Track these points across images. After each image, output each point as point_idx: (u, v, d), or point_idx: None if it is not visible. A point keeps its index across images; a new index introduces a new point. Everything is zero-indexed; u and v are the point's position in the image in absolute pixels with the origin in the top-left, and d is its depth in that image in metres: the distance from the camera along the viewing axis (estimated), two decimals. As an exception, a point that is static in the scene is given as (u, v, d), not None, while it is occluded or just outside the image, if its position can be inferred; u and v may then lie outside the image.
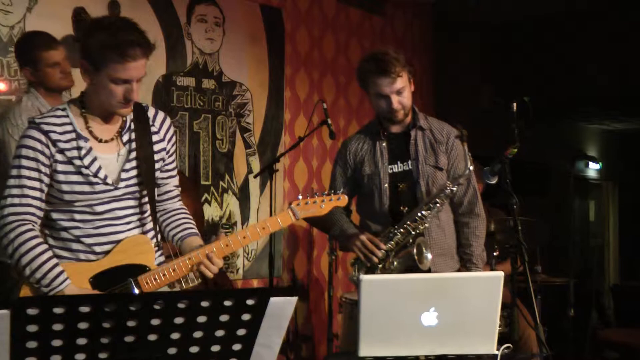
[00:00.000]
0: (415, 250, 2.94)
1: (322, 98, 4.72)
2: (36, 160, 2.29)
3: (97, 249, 2.34)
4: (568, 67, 5.63)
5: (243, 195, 4.84)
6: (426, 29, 6.15)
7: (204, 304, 1.72)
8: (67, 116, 2.34)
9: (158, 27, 4.37)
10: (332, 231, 3.25)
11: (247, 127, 4.88)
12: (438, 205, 2.99)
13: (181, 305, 1.70)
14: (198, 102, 4.61)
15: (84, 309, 1.57)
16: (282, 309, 1.82)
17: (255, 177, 4.70)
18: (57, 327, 1.57)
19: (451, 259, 3.14)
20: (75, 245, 2.34)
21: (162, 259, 2.48)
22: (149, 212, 2.42)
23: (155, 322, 1.69)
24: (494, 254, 3.79)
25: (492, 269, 3.86)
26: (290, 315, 1.99)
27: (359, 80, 3.10)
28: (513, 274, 2.87)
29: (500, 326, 3.75)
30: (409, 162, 3.10)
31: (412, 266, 2.95)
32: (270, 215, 4.26)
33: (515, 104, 3.03)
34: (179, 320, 1.71)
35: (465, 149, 2.96)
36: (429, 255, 2.97)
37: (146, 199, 2.41)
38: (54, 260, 2.28)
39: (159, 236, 2.48)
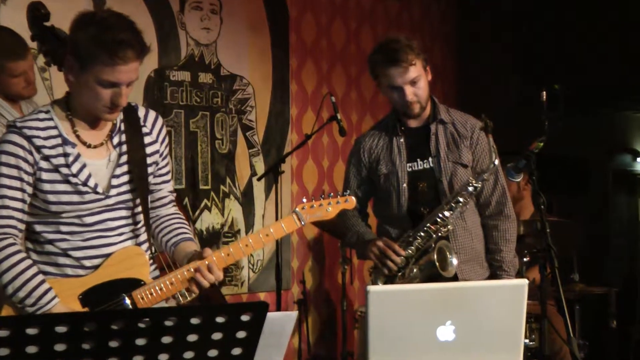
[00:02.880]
0: (436, 256, 2.93)
1: (331, 91, 4.73)
2: (18, 167, 2.28)
3: (87, 262, 2.34)
4: (609, 49, 5.59)
5: (246, 200, 4.85)
6: (447, 13, 6.13)
7: (195, 321, 1.72)
8: (52, 119, 2.34)
9: (148, 17, 4.39)
10: (347, 238, 3.26)
11: (250, 125, 4.89)
12: (461, 204, 2.98)
13: (169, 323, 1.70)
14: (194, 99, 4.63)
15: (61, 329, 1.58)
16: (281, 326, 1.83)
17: (259, 179, 4.71)
18: (31, 349, 1.58)
19: (480, 266, 3.13)
20: (62, 260, 2.34)
21: (156, 272, 2.49)
22: (142, 222, 2.42)
23: (140, 342, 1.69)
24: (524, 259, 3.77)
25: (521, 277, 3.84)
26: (291, 331, 2.00)
27: (371, 74, 3.11)
28: (542, 281, 2.86)
29: (532, 341, 3.77)
30: (430, 159, 3.10)
31: (434, 274, 2.94)
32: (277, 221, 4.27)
33: (544, 93, 3.02)
34: (167, 339, 1.71)
35: (491, 141, 2.95)
36: (454, 261, 2.96)
37: (139, 208, 2.41)
38: (40, 277, 2.28)
39: (153, 248, 2.48)
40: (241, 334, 1.77)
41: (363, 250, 3.13)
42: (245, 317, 1.75)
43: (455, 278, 3.01)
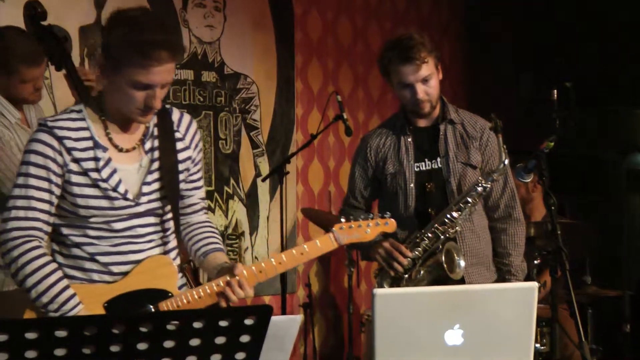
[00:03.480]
0: (444, 258, 2.93)
1: (337, 90, 4.73)
2: (46, 168, 2.26)
3: (115, 269, 2.33)
4: (621, 45, 5.59)
5: (251, 202, 4.86)
6: (455, 9, 6.13)
7: (197, 325, 1.73)
8: (84, 120, 2.31)
9: (157, 15, 4.40)
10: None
11: (254, 125, 4.90)
12: (469, 205, 2.98)
13: (171, 327, 1.71)
14: (197, 98, 4.64)
15: (61, 334, 1.59)
16: (285, 329, 1.83)
17: (263, 180, 4.71)
18: (30, 354, 1.59)
19: (487, 270, 3.13)
20: (88, 264, 2.32)
21: (183, 280, 2.48)
22: (171, 230, 2.41)
23: (142, 346, 1.70)
24: (535, 261, 3.77)
25: (531, 280, 3.84)
26: (295, 335, 2.00)
27: (382, 71, 3.11)
28: (553, 284, 2.86)
29: (543, 345, 3.77)
30: (438, 159, 3.11)
31: (442, 276, 2.94)
32: (281, 223, 4.27)
33: (555, 91, 3.02)
34: (169, 344, 1.72)
35: (500, 141, 2.96)
36: (462, 263, 2.97)
37: (169, 215, 2.39)
38: (64, 282, 2.26)
39: (179, 258, 2.46)
40: (245, 338, 1.77)
41: (368, 252, 3.13)
42: (249, 321, 1.76)
43: (462, 281, 3.01)
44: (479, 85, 6.07)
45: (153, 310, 2.31)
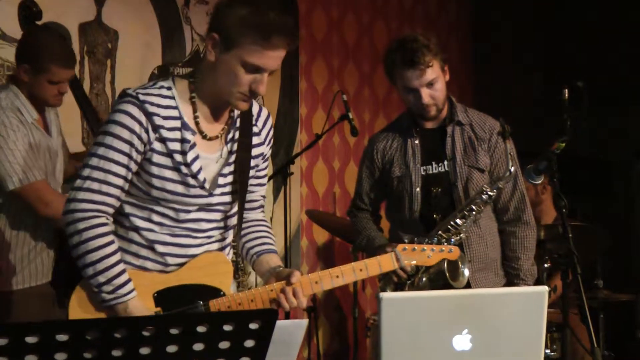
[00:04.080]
0: (446, 266, 2.93)
1: (342, 89, 4.74)
2: (130, 144, 2.20)
3: (170, 260, 2.30)
4: (634, 45, 5.58)
5: (254, 203, 4.86)
6: (463, 6, 6.13)
7: (201, 329, 1.73)
8: (173, 98, 2.25)
9: (152, 11, 4.41)
10: (357, 241, 3.27)
11: (257, 124, 4.90)
12: (474, 212, 2.99)
13: (174, 331, 1.71)
14: (200, 97, 4.64)
15: (62, 338, 1.60)
16: (290, 334, 1.84)
17: (267, 181, 4.71)
18: (31, 359, 1.60)
19: (495, 275, 3.13)
20: (144, 252, 2.29)
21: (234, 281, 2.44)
22: (232, 226, 2.38)
23: (144, 351, 1.70)
24: (545, 265, 3.77)
25: (543, 284, 3.84)
26: (301, 340, 2.01)
27: (386, 74, 3.11)
28: (564, 288, 2.86)
29: (554, 351, 3.76)
30: (445, 162, 3.10)
31: (445, 284, 2.94)
32: (285, 225, 4.29)
33: (567, 91, 3.02)
34: (171, 348, 1.72)
35: (508, 147, 2.96)
36: (466, 272, 2.97)
37: (234, 210, 2.36)
38: (122, 266, 2.23)
39: (232, 253, 2.43)
40: (249, 343, 1.77)
41: (372, 256, 3.14)
42: (253, 325, 1.76)
43: (468, 287, 3.01)
44: (487, 85, 6.07)
45: (203, 307, 2.29)
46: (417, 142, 3.14)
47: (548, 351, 3.67)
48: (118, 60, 4.21)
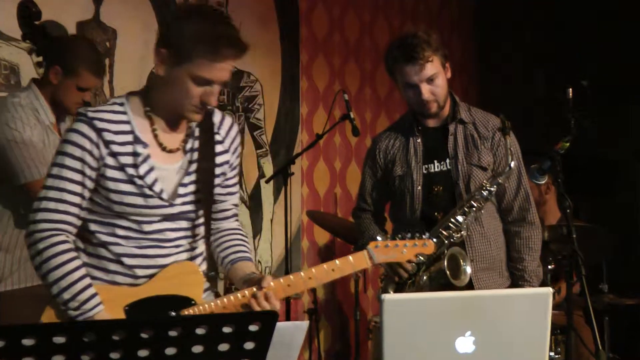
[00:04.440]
0: (446, 264, 2.94)
1: (343, 88, 4.74)
2: (82, 161, 2.27)
3: (139, 272, 2.33)
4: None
5: (254, 204, 4.86)
6: (466, 4, 6.13)
7: (200, 331, 1.74)
8: (125, 113, 2.32)
9: (150, 10, 4.41)
10: (360, 243, 3.27)
11: (258, 124, 4.91)
12: (475, 209, 2.99)
13: (173, 334, 1.72)
14: (199, 97, 4.65)
15: (59, 340, 1.60)
16: (291, 336, 1.84)
17: (267, 182, 4.72)
18: (28, 360, 1.60)
19: (499, 276, 3.13)
20: (113, 266, 2.33)
21: (206, 284, 2.46)
22: (201, 235, 2.41)
23: (143, 353, 1.71)
24: (549, 266, 3.77)
25: (547, 286, 3.84)
26: (301, 342, 2.01)
27: (387, 71, 3.12)
28: (568, 289, 2.86)
29: (558, 354, 3.76)
30: (447, 161, 3.11)
31: (446, 283, 2.95)
32: (286, 226, 4.28)
33: (571, 89, 3.02)
34: (170, 351, 1.73)
35: (508, 142, 2.96)
36: (468, 269, 2.97)
37: (201, 220, 2.40)
38: (87, 280, 2.27)
39: (205, 264, 2.45)
40: (249, 345, 1.78)
41: None
42: (253, 327, 1.77)
43: (471, 287, 3.01)
44: (490, 83, 6.07)
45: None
46: (419, 140, 3.14)
47: (552, 354, 3.67)
48: (116, 59, 4.22)
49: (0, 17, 3.77)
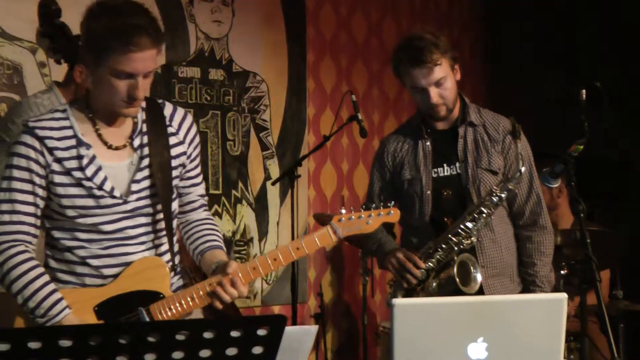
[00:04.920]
0: (456, 271, 2.93)
1: (351, 89, 4.74)
2: (29, 170, 2.33)
3: (106, 272, 2.38)
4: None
5: (260, 206, 4.86)
6: (476, 3, 6.13)
7: (208, 335, 1.74)
8: (67, 119, 2.38)
9: (155, 8, 4.41)
10: (367, 246, 3.27)
11: (264, 125, 4.91)
12: (485, 215, 2.98)
13: (180, 337, 1.72)
14: (204, 97, 4.65)
15: (65, 343, 1.60)
16: (299, 341, 1.84)
17: (273, 184, 4.72)
18: (33, 364, 1.60)
19: (510, 281, 3.13)
20: (80, 269, 2.38)
21: (180, 282, 2.52)
22: (163, 230, 2.44)
23: (149, 357, 1.71)
24: (562, 272, 3.76)
25: (560, 291, 3.82)
26: (310, 347, 2.01)
27: (394, 73, 3.12)
28: (582, 296, 2.85)
29: (571, 360, 3.75)
30: (457, 164, 3.10)
31: (455, 289, 2.94)
32: (292, 229, 4.28)
33: (584, 91, 3.02)
34: (177, 355, 1.73)
35: (519, 146, 2.95)
36: (479, 276, 2.96)
37: (161, 215, 2.43)
38: (51, 287, 2.32)
39: (177, 258, 2.50)
40: (257, 350, 1.78)
41: (382, 261, 3.14)
42: (261, 332, 1.77)
43: (481, 293, 3.00)
44: (501, 85, 6.05)
45: (145, 311, 2.36)
46: (428, 143, 3.14)
47: (566, 361, 3.66)
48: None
49: (4, 16, 3.77)
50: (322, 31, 5.21)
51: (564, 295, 2.18)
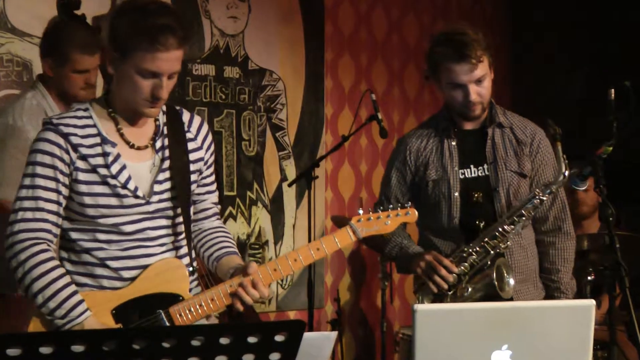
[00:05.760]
0: (495, 275, 2.92)
1: (370, 87, 4.74)
2: (53, 167, 2.35)
3: (125, 274, 2.41)
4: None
5: (276, 208, 4.87)
6: (501, 1, 6.11)
7: (224, 340, 1.74)
8: (90, 117, 2.41)
9: (168, 3, 4.44)
10: (387, 250, 3.26)
11: (280, 125, 4.92)
12: (524, 218, 2.98)
13: (196, 343, 1.72)
14: (219, 95, 4.67)
15: (76, 349, 1.61)
16: (318, 347, 1.84)
17: (290, 185, 4.73)
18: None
19: (534, 288, 3.12)
20: (99, 270, 2.40)
21: (198, 288, 2.54)
22: (183, 233, 2.47)
23: (164, 363, 1.71)
24: (589, 277, 3.74)
25: (585, 298, 3.80)
26: (329, 354, 2.01)
27: (430, 68, 3.07)
28: (611, 302, 2.83)
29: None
30: (485, 166, 3.09)
31: (491, 294, 2.93)
32: (309, 232, 4.29)
33: (613, 90, 3.00)
34: (193, 360, 1.74)
35: (559, 150, 2.94)
36: (511, 281, 2.96)
37: (180, 218, 2.47)
38: (72, 288, 2.34)
39: (195, 262, 2.53)
40: (275, 356, 1.78)
41: (407, 265, 3.12)
42: (279, 338, 1.77)
43: (511, 299, 2.99)
44: (525, 85, 6.03)
45: (163, 314, 2.38)
46: (454, 143, 3.12)
47: (593, 370, 3.64)
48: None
49: (14, 12, 3.80)
50: (340, 28, 5.22)
51: (592, 302, 2.17)
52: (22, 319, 2.42)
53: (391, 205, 2.61)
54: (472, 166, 3.10)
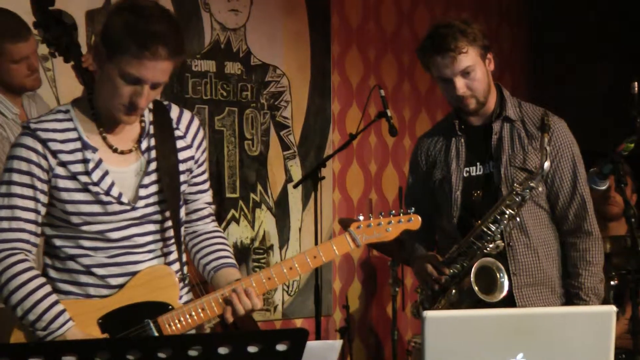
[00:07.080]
0: (473, 278, 2.92)
1: (379, 83, 4.74)
2: (30, 174, 2.35)
3: (112, 281, 2.41)
4: None
5: (280, 211, 4.88)
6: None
7: (223, 350, 1.75)
8: (71, 120, 2.41)
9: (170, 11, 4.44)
10: (400, 253, 3.28)
11: (285, 123, 4.93)
12: (507, 216, 2.96)
13: (193, 353, 1.73)
14: (220, 92, 4.68)
15: (68, 359, 1.61)
16: (323, 357, 1.84)
17: (295, 186, 4.74)
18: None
19: (551, 293, 3.09)
20: (84, 278, 2.41)
21: (189, 296, 2.54)
22: (172, 238, 2.47)
23: (161, 374, 1.72)
24: (612, 282, 3.74)
25: (609, 304, 3.79)
26: (334, 364, 2.01)
27: (422, 64, 3.12)
28: (634, 309, 2.83)
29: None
30: (490, 163, 3.10)
31: (476, 299, 2.94)
32: (316, 236, 4.29)
33: (636, 84, 3.00)
34: (190, 371, 1.75)
35: (545, 140, 2.92)
36: (506, 283, 2.95)
37: (169, 222, 2.47)
38: (52, 298, 2.34)
39: (185, 268, 2.53)
40: (276, 367, 1.79)
41: (414, 269, 3.18)
42: (281, 347, 1.78)
43: (509, 304, 2.99)
44: (544, 77, 6.03)
45: (152, 324, 2.38)
46: (462, 140, 3.13)
47: (615, 380, 3.63)
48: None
49: (8, 6, 3.80)
50: (348, 20, 5.22)
51: (612, 308, 2.16)
52: (3, 330, 2.42)
53: (392, 212, 2.62)
54: (477, 164, 3.11)
